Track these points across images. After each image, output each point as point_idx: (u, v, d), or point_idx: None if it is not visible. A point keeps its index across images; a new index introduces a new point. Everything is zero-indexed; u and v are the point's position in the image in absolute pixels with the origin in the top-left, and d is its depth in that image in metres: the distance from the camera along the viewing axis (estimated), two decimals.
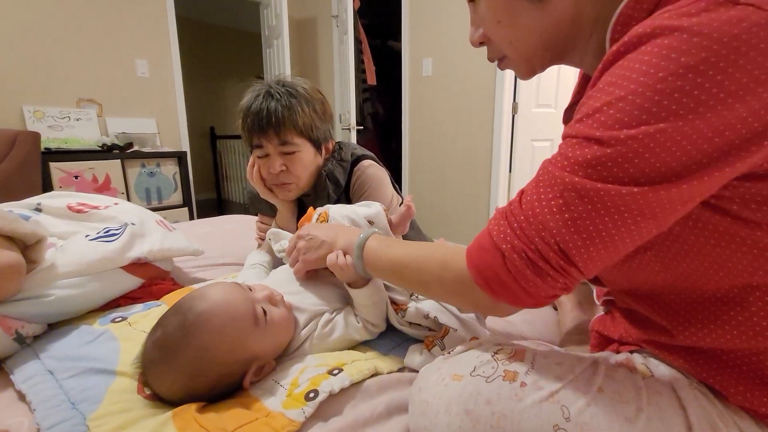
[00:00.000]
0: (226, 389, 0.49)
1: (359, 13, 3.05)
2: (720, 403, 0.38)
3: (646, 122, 0.30)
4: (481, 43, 0.48)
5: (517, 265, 0.35)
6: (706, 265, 0.36)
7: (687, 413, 0.37)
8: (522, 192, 0.38)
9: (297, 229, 0.76)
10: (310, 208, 0.80)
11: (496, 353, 0.43)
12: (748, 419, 0.38)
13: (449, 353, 0.46)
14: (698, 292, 0.38)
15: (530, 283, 0.36)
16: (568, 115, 0.54)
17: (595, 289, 0.64)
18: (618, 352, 0.50)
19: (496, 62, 0.50)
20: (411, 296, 0.63)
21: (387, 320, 0.63)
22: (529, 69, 0.48)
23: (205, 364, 0.47)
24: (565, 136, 0.37)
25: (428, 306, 0.59)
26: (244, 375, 0.49)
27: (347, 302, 0.64)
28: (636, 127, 0.31)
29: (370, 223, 0.70)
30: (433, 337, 0.57)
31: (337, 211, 0.71)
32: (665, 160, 0.30)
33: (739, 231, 0.34)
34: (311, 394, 0.45)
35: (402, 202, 1.04)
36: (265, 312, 0.51)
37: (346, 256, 0.55)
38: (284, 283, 0.64)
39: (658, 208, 0.32)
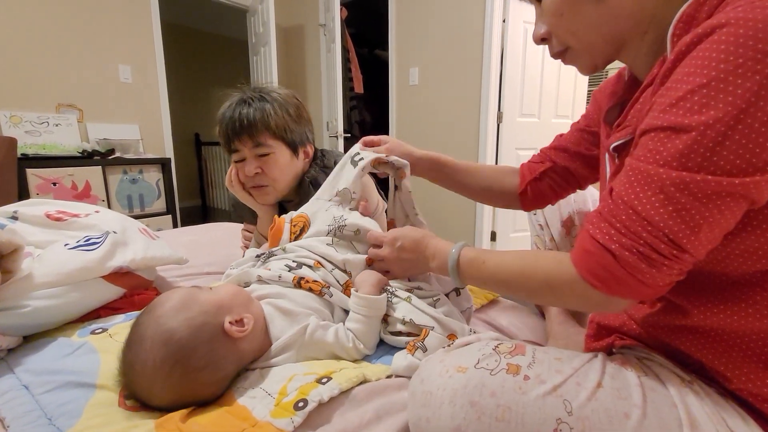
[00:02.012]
0: (210, 378, 0.49)
1: (346, 23, 3.09)
2: (708, 399, 0.40)
3: (729, 103, 0.32)
4: (543, 39, 0.51)
5: (631, 261, 0.37)
6: (738, 251, 0.38)
7: (679, 410, 0.38)
8: (612, 194, 0.40)
9: (267, 239, 0.77)
10: (281, 218, 0.80)
11: (497, 347, 0.44)
12: (735, 416, 0.39)
13: (449, 346, 0.47)
14: (723, 275, 0.40)
15: (647, 275, 0.37)
16: (611, 116, 0.56)
17: None
18: (613, 348, 0.52)
19: (560, 59, 0.52)
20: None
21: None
22: (591, 62, 0.49)
23: (186, 357, 0.47)
24: (647, 130, 0.37)
25: (402, 311, 0.61)
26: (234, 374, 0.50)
27: (331, 310, 0.64)
28: (720, 108, 0.32)
29: (357, 232, 0.72)
30: (414, 341, 0.57)
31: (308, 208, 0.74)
32: (756, 139, 0.32)
33: None
34: (300, 404, 0.44)
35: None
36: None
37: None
38: (270, 287, 0.64)
39: (756, 192, 0.33)
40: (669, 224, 0.35)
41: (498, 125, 2.45)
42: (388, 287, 0.65)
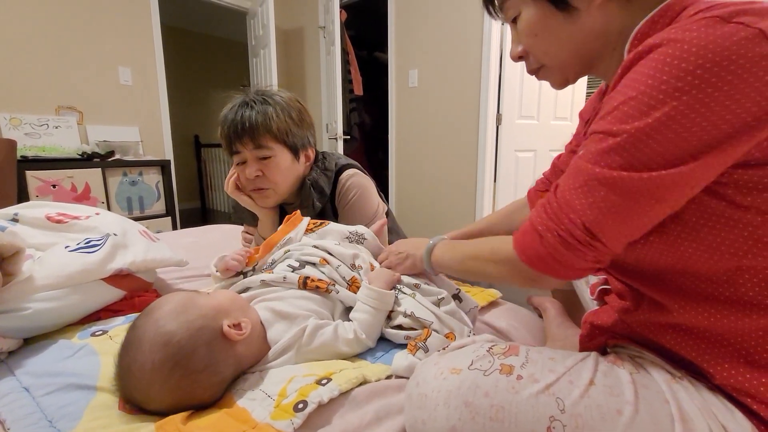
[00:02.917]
0: (209, 380, 0.49)
1: (346, 25, 3.09)
2: (698, 394, 0.40)
3: (649, 115, 0.36)
4: (520, 57, 0.54)
5: (551, 241, 0.41)
6: (702, 249, 0.40)
7: (671, 405, 0.39)
8: (557, 185, 0.44)
9: (278, 227, 0.80)
10: (297, 212, 0.81)
11: (491, 348, 0.45)
12: (724, 410, 0.39)
13: (444, 349, 0.48)
14: (695, 273, 0.42)
15: (564, 257, 0.41)
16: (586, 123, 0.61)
17: (588, 287, 0.67)
18: (606, 347, 0.53)
19: (534, 75, 0.56)
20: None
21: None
22: (563, 78, 0.53)
23: (185, 360, 0.46)
24: (589, 133, 0.42)
25: (405, 305, 0.63)
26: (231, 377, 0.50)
27: (331, 310, 0.64)
28: (642, 119, 0.36)
29: (362, 238, 0.78)
30: (416, 341, 0.58)
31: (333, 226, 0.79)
32: (668, 147, 0.36)
33: (732, 214, 0.38)
34: (300, 405, 0.44)
35: (389, 210, 1.07)
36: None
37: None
38: (267, 290, 0.64)
39: (667, 192, 0.37)
40: (586, 212, 0.39)
41: (497, 127, 2.45)
42: (398, 285, 0.68)
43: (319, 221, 0.81)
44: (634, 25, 0.43)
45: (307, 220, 0.81)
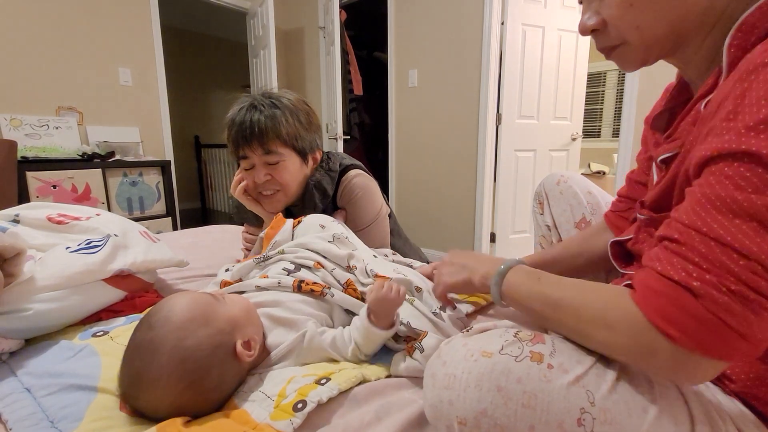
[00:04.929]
0: (216, 397, 0.48)
1: (346, 25, 3.10)
2: (714, 397, 0.40)
3: None
4: (594, 31, 0.46)
5: (720, 301, 0.31)
6: None
7: (690, 407, 0.38)
8: (673, 225, 0.35)
9: (264, 235, 0.78)
10: (279, 215, 0.81)
11: (517, 334, 0.42)
12: (739, 413, 0.39)
13: (468, 331, 0.45)
14: None
15: (742, 321, 0.30)
16: (659, 122, 0.53)
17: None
18: None
19: (604, 53, 0.48)
20: None
21: None
22: (643, 58, 0.46)
23: (190, 369, 0.46)
24: (720, 154, 0.33)
25: (402, 313, 0.60)
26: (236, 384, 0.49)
27: (329, 312, 0.64)
28: None
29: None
30: (413, 343, 0.57)
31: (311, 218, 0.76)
32: None
33: None
34: (299, 405, 0.44)
35: (391, 212, 1.05)
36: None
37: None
38: (263, 294, 0.64)
39: None
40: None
41: (497, 127, 2.45)
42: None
43: (299, 220, 0.81)
44: (740, 9, 0.37)
45: (290, 222, 0.80)
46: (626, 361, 0.36)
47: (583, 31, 0.47)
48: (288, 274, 0.66)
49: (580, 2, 0.47)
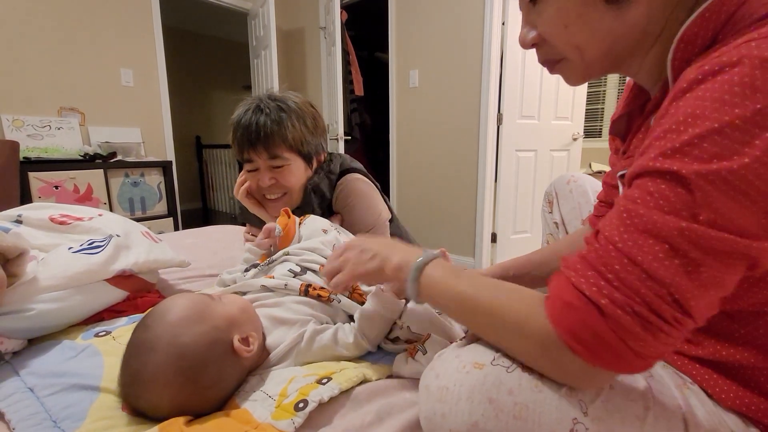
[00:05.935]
0: (216, 395, 0.48)
1: (347, 25, 3.10)
2: (709, 400, 0.40)
3: (749, 155, 0.29)
4: (534, 45, 0.46)
5: (623, 322, 0.31)
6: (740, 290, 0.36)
7: (683, 412, 0.38)
8: (599, 237, 0.35)
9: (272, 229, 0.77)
10: (283, 211, 0.80)
11: None
12: (735, 417, 0.39)
13: (462, 339, 0.45)
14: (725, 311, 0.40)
15: (640, 343, 0.31)
16: (618, 127, 0.53)
17: None
18: None
19: (546, 67, 0.48)
20: None
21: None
22: (585, 75, 0.46)
23: (187, 369, 0.46)
24: (645, 172, 0.33)
25: (403, 316, 0.61)
26: (235, 386, 0.49)
27: (332, 315, 0.64)
28: (738, 161, 0.29)
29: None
30: (415, 344, 0.57)
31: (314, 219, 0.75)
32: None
33: None
34: (300, 404, 0.45)
35: (393, 217, 1.04)
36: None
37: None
38: (266, 295, 0.64)
39: (762, 255, 0.31)
40: (676, 280, 0.30)
41: (498, 127, 2.45)
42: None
43: (301, 219, 0.80)
44: (679, 22, 0.37)
45: (297, 220, 0.79)
46: (540, 371, 0.37)
47: (523, 44, 0.46)
48: (294, 276, 0.65)
49: (521, 10, 0.46)
